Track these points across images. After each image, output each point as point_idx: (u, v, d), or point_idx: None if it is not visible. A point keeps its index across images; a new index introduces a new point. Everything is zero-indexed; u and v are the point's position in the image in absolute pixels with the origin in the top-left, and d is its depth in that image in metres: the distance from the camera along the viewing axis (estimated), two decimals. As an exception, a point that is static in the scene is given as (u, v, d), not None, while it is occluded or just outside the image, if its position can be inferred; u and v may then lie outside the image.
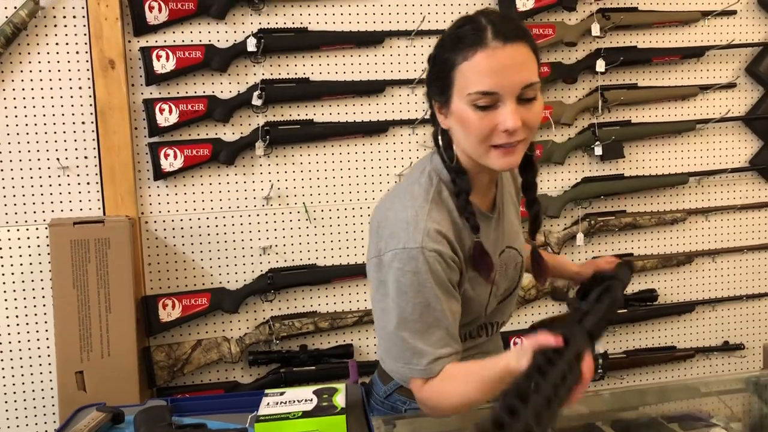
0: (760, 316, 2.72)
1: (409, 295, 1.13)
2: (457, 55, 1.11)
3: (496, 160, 1.13)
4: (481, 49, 1.08)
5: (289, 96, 2.24)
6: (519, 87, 1.09)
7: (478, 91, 1.08)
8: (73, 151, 2.13)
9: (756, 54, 2.60)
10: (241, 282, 2.26)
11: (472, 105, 1.10)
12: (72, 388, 1.95)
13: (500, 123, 1.09)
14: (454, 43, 1.13)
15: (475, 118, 1.10)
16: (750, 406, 1.57)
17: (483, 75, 1.08)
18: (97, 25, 2.08)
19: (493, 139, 1.11)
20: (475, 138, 1.11)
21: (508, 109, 1.08)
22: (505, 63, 1.08)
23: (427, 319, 1.13)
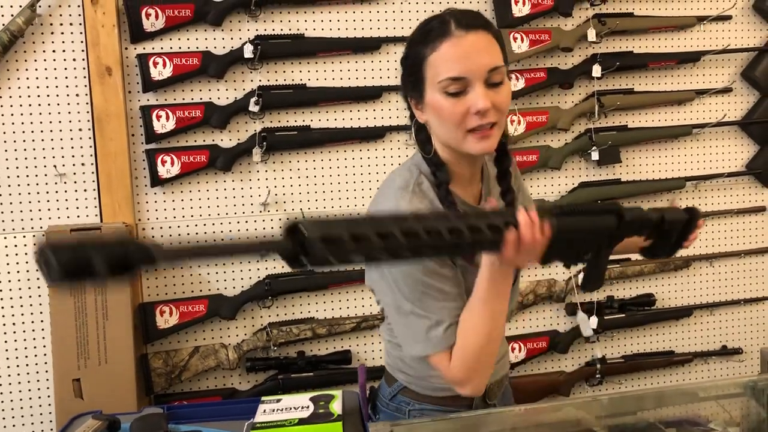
0: (758, 321, 2.72)
1: (404, 273, 1.18)
2: (426, 48, 1.18)
3: (473, 144, 1.18)
4: (447, 39, 1.16)
5: (286, 102, 2.24)
6: (485, 70, 1.15)
7: (447, 77, 1.15)
8: (70, 158, 2.13)
9: (751, 59, 2.61)
10: (238, 288, 2.26)
11: (444, 93, 1.16)
12: (69, 396, 1.95)
13: (471, 105, 1.15)
14: (421, 39, 1.20)
15: (448, 104, 1.16)
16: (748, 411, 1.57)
17: (450, 62, 1.15)
18: (93, 32, 2.08)
19: (468, 123, 1.16)
20: (451, 124, 1.17)
21: (477, 92, 1.15)
22: (470, 49, 1.15)
23: (428, 292, 1.18)
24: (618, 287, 2.57)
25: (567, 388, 2.50)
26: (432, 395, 1.38)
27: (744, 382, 1.58)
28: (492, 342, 1.18)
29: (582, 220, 1.16)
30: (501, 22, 2.34)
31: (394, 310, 1.25)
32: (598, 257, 1.22)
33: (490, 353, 1.20)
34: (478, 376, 1.21)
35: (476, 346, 1.17)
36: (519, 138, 2.39)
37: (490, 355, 1.20)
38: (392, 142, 2.34)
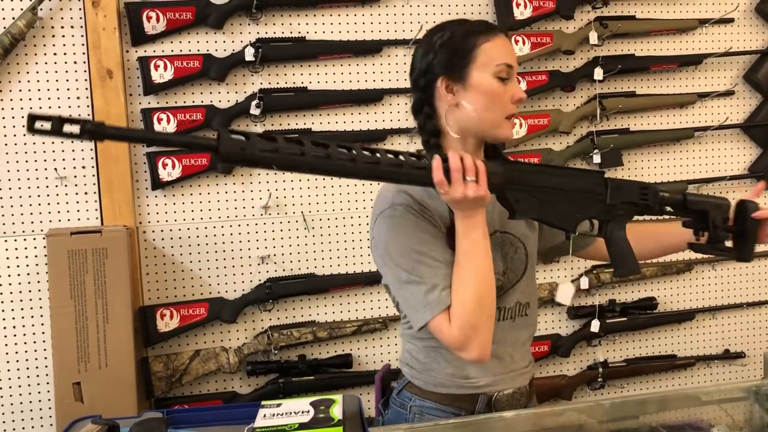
0: (761, 324, 2.71)
1: (398, 247, 1.27)
2: (479, 36, 1.31)
3: (507, 129, 1.32)
4: (498, 34, 1.32)
5: (287, 105, 2.24)
6: (517, 69, 1.34)
7: (504, 62, 1.29)
8: (71, 161, 2.13)
9: (754, 61, 2.60)
10: (239, 292, 2.25)
11: (497, 77, 1.29)
12: (69, 400, 1.94)
13: (514, 94, 1.30)
14: (472, 29, 1.32)
15: (499, 87, 1.29)
16: (751, 415, 1.56)
17: (505, 52, 1.31)
18: (95, 35, 2.08)
19: (509, 108, 1.30)
20: (498, 106, 1.30)
21: (516, 84, 1.32)
22: (512, 49, 1.35)
23: (422, 260, 1.25)
24: (620, 290, 2.56)
25: (569, 391, 2.49)
26: (434, 391, 1.39)
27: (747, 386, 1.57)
28: (483, 298, 1.23)
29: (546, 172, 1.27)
30: (502, 24, 2.34)
31: (396, 286, 1.31)
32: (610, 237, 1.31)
33: (484, 309, 1.23)
34: (476, 334, 1.23)
35: (469, 300, 1.22)
36: (521, 141, 2.38)
37: (486, 313, 1.24)
38: (393, 146, 2.33)
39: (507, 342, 1.40)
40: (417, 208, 1.28)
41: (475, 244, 1.22)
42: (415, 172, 1.14)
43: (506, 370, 1.39)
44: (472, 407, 1.38)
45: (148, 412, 1.15)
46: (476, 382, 1.37)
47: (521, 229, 1.40)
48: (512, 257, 1.39)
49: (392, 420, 1.47)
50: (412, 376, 1.42)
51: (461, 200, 1.16)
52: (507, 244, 1.39)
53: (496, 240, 1.36)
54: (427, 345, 1.39)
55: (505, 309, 1.39)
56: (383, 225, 1.30)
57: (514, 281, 1.39)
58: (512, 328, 1.40)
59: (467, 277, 1.22)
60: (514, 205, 1.23)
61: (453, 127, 1.32)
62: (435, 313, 1.24)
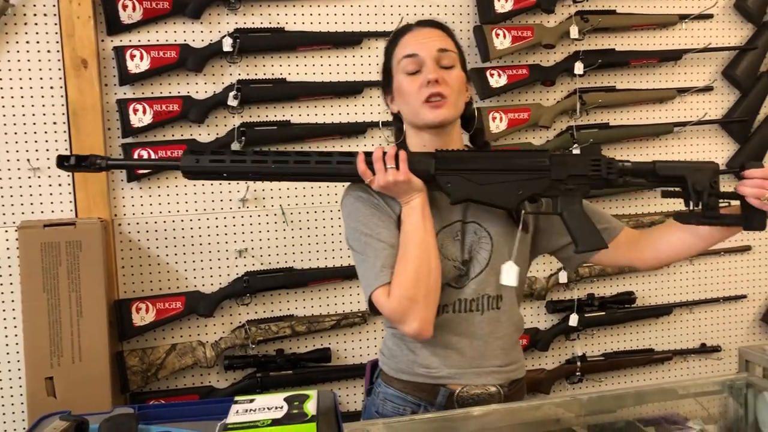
0: (737, 319, 2.74)
1: (351, 231, 1.39)
2: (392, 46, 1.43)
3: (427, 112, 1.35)
4: (406, 34, 1.41)
5: (265, 97, 2.21)
6: (435, 49, 1.36)
7: (403, 55, 1.37)
8: (45, 151, 2.09)
9: (732, 57, 2.62)
10: (216, 285, 2.23)
11: (404, 73, 1.37)
12: (41, 395, 1.91)
13: (424, 79, 1.34)
14: (390, 42, 1.45)
15: (406, 81, 1.37)
16: (726, 409, 1.57)
17: (407, 46, 1.39)
18: (69, 23, 2.04)
19: (423, 94, 1.34)
20: (410, 97, 1.36)
21: (428, 67, 1.35)
22: (422, 37, 1.39)
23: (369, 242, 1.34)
24: (599, 285, 2.57)
25: (547, 385, 2.50)
26: (396, 378, 1.41)
27: (722, 380, 1.58)
28: (421, 274, 1.29)
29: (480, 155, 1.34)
30: (483, 17, 2.33)
31: (357, 269, 1.40)
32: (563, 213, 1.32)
33: (422, 284, 1.29)
34: (414, 307, 1.29)
35: (407, 275, 1.29)
36: (501, 135, 2.38)
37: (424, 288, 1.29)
38: (373, 138, 2.32)
39: (475, 336, 1.39)
40: (366, 197, 1.38)
41: (413, 225, 1.30)
42: (342, 166, 1.31)
43: (470, 365, 1.38)
44: (433, 399, 1.38)
45: (119, 407, 1.13)
46: (435, 372, 1.38)
47: (490, 220, 1.39)
48: (474, 247, 1.39)
49: (368, 407, 1.49)
50: (383, 362, 1.46)
51: (387, 186, 1.29)
52: (470, 233, 1.39)
53: (455, 228, 1.39)
54: (394, 332, 1.42)
55: (466, 300, 1.38)
56: (343, 213, 1.43)
57: (478, 271, 1.38)
58: (481, 322, 1.39)
59: (407, 255, 1.30)
60: (446, 188, 1.31)
61: (407, 127, 1.44)
62: (374, 287, 1.32)
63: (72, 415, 1.08)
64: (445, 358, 1.38)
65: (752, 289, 2.74)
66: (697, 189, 1.30)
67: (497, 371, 1.41)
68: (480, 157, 1.33)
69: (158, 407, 1.20)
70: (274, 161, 1.31)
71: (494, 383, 1.40)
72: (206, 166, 1.30)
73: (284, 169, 1.31)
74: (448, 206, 1.37)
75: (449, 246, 1.38)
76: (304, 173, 1.33)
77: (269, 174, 1.33)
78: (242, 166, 1.30)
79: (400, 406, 1.41)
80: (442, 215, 1.38)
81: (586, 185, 1.33)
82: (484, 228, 1.39)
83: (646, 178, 1.35)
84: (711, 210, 1.30)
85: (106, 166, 1.32)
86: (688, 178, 1.31)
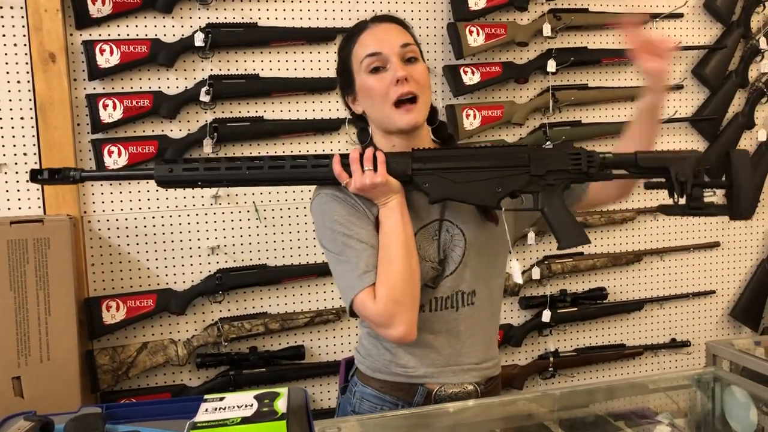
0: (706, 314, 2.78)
1: (326, 231, 1.34)
2: (349, 45, 1.37)
3: (400, 117, 1.32)
4: (364, 31, 1.36)
5: (238, 92, 2.19)
6: (398, 45, 1.32)
7: (366, 54, 1.32)
8: (11, 147, 2.05)
9: (702, 56, 2.66)
10: (188, 283, 2.21)
11: (368, 72, 1.33)
12: (8, 395, 1.87)
13: (392, 77, 1.30)
14: (346, 41, 1.39)
15: (372, 81, 1.32)
16: (695, 402, 1.59)
17: (368, 44, 1.34)
18: (36, 16, 2.00)
19: (392, 94, 1.30)
20: (378, 98, 1.32)
21: (394, 65, 1.31)
22: (382, 33, 1.35)
23: (348, 243, 1.30)
24: (571, 281, 2.59)
25: (520, 381, 2.52)
26: (373, 377, 1.40)
27: (690, 374, 1.60)
28: (405, 275, 1.27)
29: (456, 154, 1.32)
30: (457, 14, 2.33)
31: (332, 271, 1.36)
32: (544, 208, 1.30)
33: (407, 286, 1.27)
34: (400, 310, 1.26)
35: (392, 277, 1.26)
36: (474, 132, 2.38)
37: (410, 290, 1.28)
38: (347, 135, 2.31)
39: (451, 333, 1.38)
40: (342, 196, 1.34)
41: (393, 226, 1.28)
42: (318, 170, 1.29)
43: (447, 363, 1.38)
44: (410, 398, 1.37)
45: (86, 407, 1.11)
46: (413, 372, 1.37)
47: (462, 217, 1.39)
48: (448, 244, 1.38)
49: (343, 405, 1.49)
50: (359, 361, 1.45)
51: (364, 188, 1.27)
52: (443, 231, 1.38)
53: (433, 228, 1.38)
54: (369, 331, 1.41)
55: (441, 298, 1.37)
56: (315, 213, 1.38)
57: (453, 269, 1.38)
58: (456, 319, 1.38)
59: (389, 257, 1.28)
60: (424, 188, 1.30)
61: (374, 129, 1.40)
62: (357, 291, 1.28)
63: (37, 415, 1.06)
64: (423, 357, 1.37)
65: (721, 284, 2.79)
66: (681, 179, 1.28)
67: (474, 368, 1.40)
68: (457, 156, 1.32)
69: (126, 406, 1.19)
70: (248, 167, 1.29)
71: (471, 381, 1.40)
72: (180, 175, 1.29)
73: (259, 174, 1.30)
74: (425, 206, 1.36)
75: (427, 247, 1.36)
76: (279, 178, 1.31)
77: (244, 180, 1.31)
78: (216, 174, 1.29)
79: (377, 405, 1.39)
80: (419, 215, 1.37)
81: (567, 180, 1.31)
82: (457, 225, 1.38)
83: (628, 169, 1.33)
84: (696, 200, 1.28)
85: (80, 178, 1.31)
86: (671, 169, 1.29)
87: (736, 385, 1.52)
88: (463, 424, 1.41)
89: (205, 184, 1.31)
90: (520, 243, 2.49)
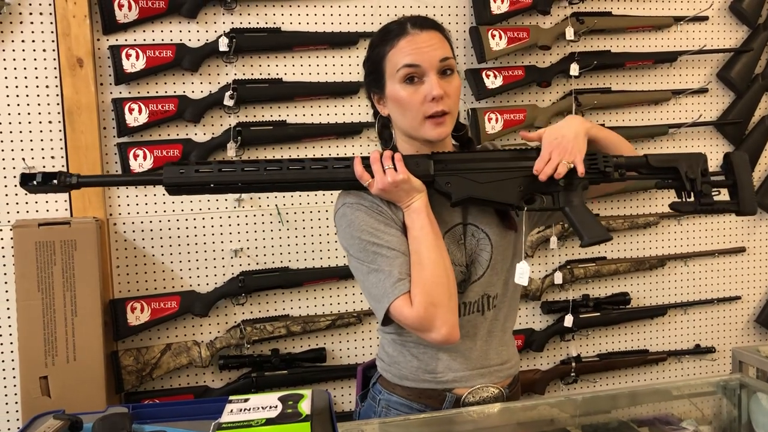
0: (731, 320, 2.75)
1: (354, 242, 1.32)
2: (385, 46, 1.33)
3: (430, 130, 1.31)
4: (404, 36, 1.32)
5: (261, 96, 2.21)
6: (437, 60, 1.30)
7: (404, 64, 1.30)
8: (40, 150, 2.09)
9: (727, 59, 2.63)
10: (211, 285, 2.23)
11: (403, 82, 1.31)
12: (36, 394, 1.91)
13: (427, 93, 1.28)
14: (381, 40, 1.35)
15: (406, 93, 1.30)
16: (720, 409, 1.58)
17: (407, 54, 1.30)
18: (64, 22, 2.03)
19: (425, 110, 1.30)
20: (411, 111, 1.31)
21: (431, 80, 1.29)
22: (423, 44, 1.31)
23: (379, 252, 1.29)
24: (593, 286, 2.57)
25: (542, 386, 2.50)
26: (400, 385, 1.39)
27: (716, 380, 1.58)
28: (440, 277, 1.26)
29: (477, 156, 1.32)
30: (479, 19, 2.33)
31: (361, 279, 1.34)
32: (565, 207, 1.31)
33: (443, 287, 1.26)
34: (439, 312, 1.25)
35: (426, 280, 1.25)
36: (496, 136, 2.38)
37: (447, 291, 1.27)
38: (369, 138, 2.32)
39: (477, 336, 1.39)
40: (368, 204, 1.32)
41: (422, 229, 1.27)
42: (339, 171, 1.28)
43: (474, 366, 1.38)
44: (439, 405, 1.37)
45: (113, 407, 1.13)
46: (441, 377, 1.37)
47: (486, 220, 1.39)
48: (475, 249, 1.38)
49: (365, 413, 1.48)
50: (383, 369, 1.43)
51: (386, 188, 1.26)
52: (469, 236, 1.39)
53: (457, 232, 1.38)
54: (394, 338, 1.40)
55: (470, 303, 1.38)
56: (341, 223, 1.35)
57: (481, 273, 1.38)
58: (483, 322, 1.39)
59: (422, 261, 1.26)
60: (446, 188, 1.30)
61: (397, 132, 1.39)
62: (392, 299, 1.26)
63: (66, 414, 1.08)
64: (451, 362, 1.37)
65: (746, 290, 2.75)
66: (690, 177, 1.36)
67: (500, 369, 1.42)
68: (478, 158, 1.33)
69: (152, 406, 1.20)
70: (266, 168, 1.26)
71: (497, 382, 1.41)
72: (191, 177, 1.23)
73: (278, 176, 1.26)
74: (448, 210, 1.36)
75: (454, 251, 1.36)
76: (299, 180, 1.28)
77: (261, 183, 1.27)
78: (232, 175, 1.25)
79: (404, 413, 1.39)
80: (443, 219, 1.36)
81: (585, 180, 1.34)
82: (482, 230, 1.39)
83: (639, 171, 1.38)
84: (705, 197, 1.36)
85: (77, 183, 1.24)
86: (680, 168, 1.36)
87: (763, 393, 1.50)
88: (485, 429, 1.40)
89: (219, 188, 1.26)
90: (543, 247, 2.48)
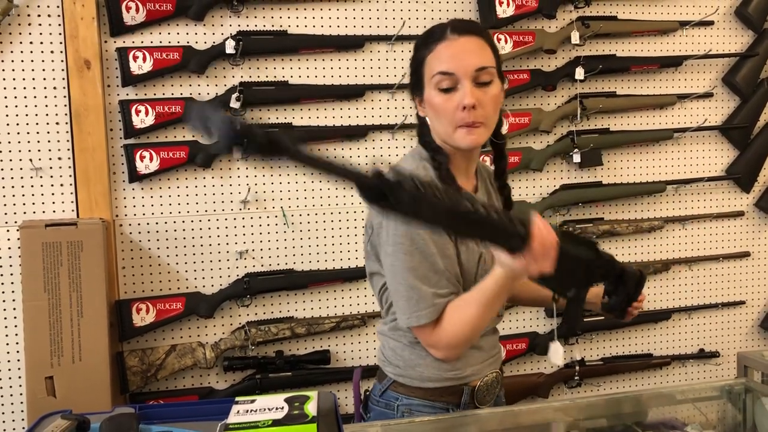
0: (735, 325, 2.74)
1: (404, 246, 1.27)
2: (425, 50, 1.33)
3: (461, 139, 1.30)
4: (442, 41, 1.31)
5: (267, 99, 2.22)
6: (473, 69, 1.28)
7: (438, 71, 1.29)
8: (47, 152, 2.10)
9: (733, 64, 2.63)
10: (216, 286, 2.23)
11: (437, 89, 1.30)
12: (41, 394, 1.91)
13: (459, 102, 1.27)
14: (423, 43, 1.35)
15: (440, 100, 1.30)
16: (725, 414, 1.57)
17: (442, 60, 1.30)
18: (72, 24, 2.05)
19: (456, 118, 1.29)
20: (443, 118, 1.30)
21: (465, 89, 1.28)
22: (460, 50, 1.29)
23: (424, 264, 1.27)
24: (598, 290, 2.57)
25: (546, 389, 2.50)
26: (420, 387, 1.39)
27: (720, 385, 1.58)
28: (477, 331, 1.30)
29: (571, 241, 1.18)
30: (485, 22, 2.34)
31: (395, 276, 1.31)
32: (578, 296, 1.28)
33: (475, 334, 1.30)
34: (461, 349, 1.32)
35: (466, 329, 1.28)
36: (501, 139, 2.38)
37: (475, 337, 1.31)
38: (374, 141, 2.33)
39: (489, 331, 1.44)
40: None
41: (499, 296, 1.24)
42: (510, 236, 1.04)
43: (486, 357, 1.43)
44: (458, 400, 1.39)
45: (120, 407, 1.14)
46: (461, 373, 1.39)
47: None
48: None
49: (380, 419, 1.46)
50: (397, 374, 1.41)
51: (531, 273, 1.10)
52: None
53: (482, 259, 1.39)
54: (411, 340, 1.39)
55: None
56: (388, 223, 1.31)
57: None
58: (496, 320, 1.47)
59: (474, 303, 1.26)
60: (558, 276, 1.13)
61: (435, 137, 1.37)
62: (423, 323, 1.29)
63: (73, 414, 1.08)
64: (469, 357, 1.40)
65: (751, 295, 2.75)
66: None
67: (497, 355, 1.48)
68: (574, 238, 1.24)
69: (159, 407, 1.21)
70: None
71: (496, 369, 1.47)
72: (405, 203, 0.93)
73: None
74: None
75: None
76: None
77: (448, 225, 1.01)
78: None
79: (428, 414, 1.39)
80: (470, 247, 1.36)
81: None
82: None
83: None
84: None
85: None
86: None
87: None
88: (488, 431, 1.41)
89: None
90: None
